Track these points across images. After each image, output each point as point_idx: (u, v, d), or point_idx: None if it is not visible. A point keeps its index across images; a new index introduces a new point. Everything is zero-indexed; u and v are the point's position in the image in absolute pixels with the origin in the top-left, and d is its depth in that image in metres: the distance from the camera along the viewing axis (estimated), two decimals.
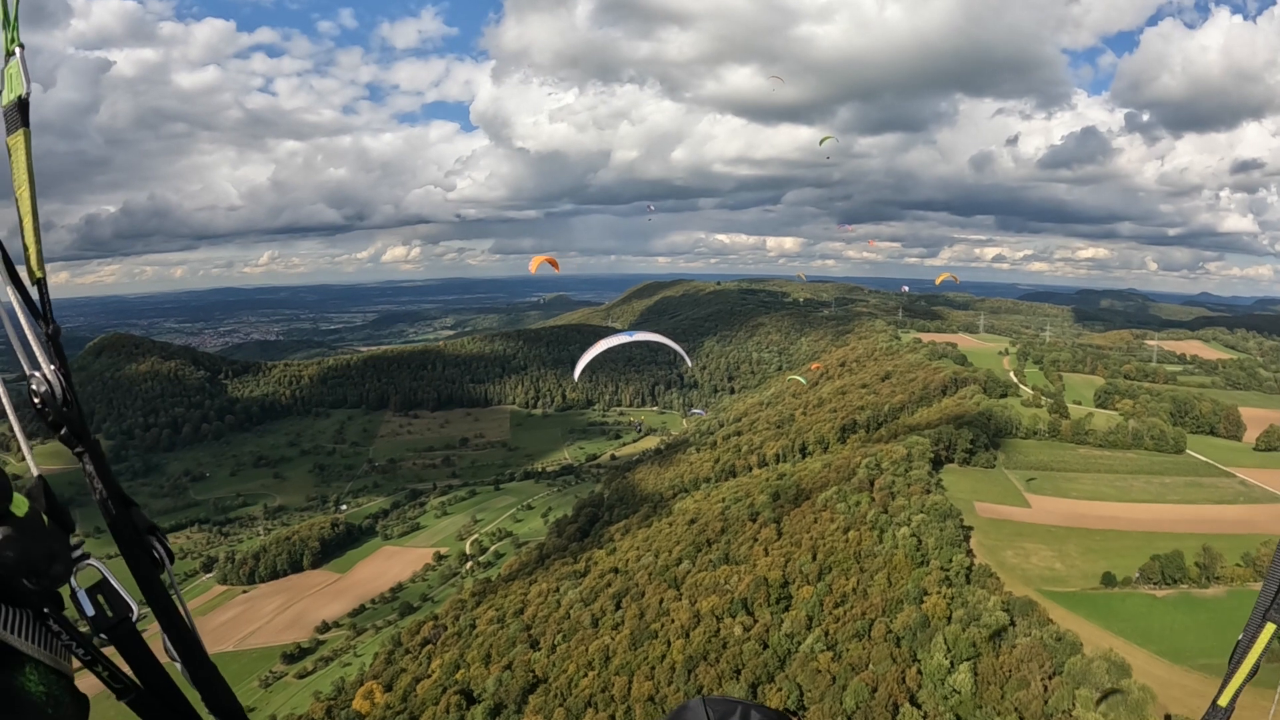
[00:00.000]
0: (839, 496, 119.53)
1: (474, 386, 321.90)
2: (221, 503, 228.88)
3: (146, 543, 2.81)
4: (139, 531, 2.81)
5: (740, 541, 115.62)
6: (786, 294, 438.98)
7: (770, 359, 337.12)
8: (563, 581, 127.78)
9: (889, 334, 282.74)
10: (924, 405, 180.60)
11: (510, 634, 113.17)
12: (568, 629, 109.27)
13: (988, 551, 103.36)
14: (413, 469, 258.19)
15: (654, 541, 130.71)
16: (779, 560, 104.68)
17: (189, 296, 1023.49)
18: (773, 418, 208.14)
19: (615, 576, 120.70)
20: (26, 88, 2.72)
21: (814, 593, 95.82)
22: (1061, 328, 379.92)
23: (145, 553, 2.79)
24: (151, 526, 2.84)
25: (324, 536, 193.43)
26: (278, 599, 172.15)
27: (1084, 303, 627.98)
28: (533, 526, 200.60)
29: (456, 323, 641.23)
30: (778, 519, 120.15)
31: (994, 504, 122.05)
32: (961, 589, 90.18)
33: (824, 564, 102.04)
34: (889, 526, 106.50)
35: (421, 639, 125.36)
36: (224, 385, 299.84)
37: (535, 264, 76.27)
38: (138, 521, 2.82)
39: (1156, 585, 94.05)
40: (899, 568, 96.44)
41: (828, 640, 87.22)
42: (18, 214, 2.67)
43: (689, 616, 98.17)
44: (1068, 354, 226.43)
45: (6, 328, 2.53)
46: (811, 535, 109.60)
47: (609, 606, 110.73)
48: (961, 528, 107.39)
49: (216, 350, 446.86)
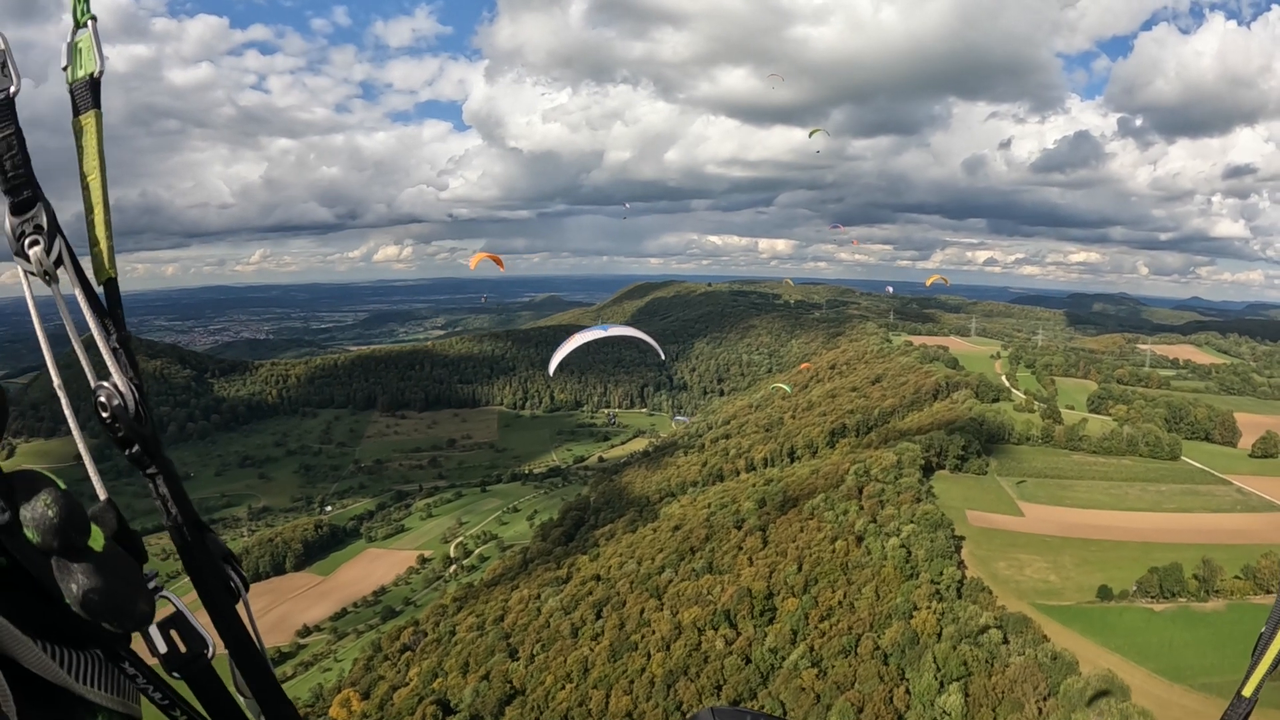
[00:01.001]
0: (826, 504, 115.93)
1: (462, 387, 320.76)
2: (205, 503, 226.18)
3: (222, 571, 2.64)
4: (213, 559, 2.64)
5: (724, 550, 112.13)
6: (778, 295, 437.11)
7: (761, 361, 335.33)
8: (544, 588, 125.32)
9: (880, 337, 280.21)
10: (915, 409, 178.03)
11: (489, 642, 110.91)
12: (547, 638, 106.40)
13: (980, 563, 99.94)
14: (399, 470, 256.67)
15: (637, 548, 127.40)
16: (763, 570, 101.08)
17: (180, 294, 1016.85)
18: (762, 421, 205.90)
19: (597, 584, 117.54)
20: (100, 65, 2.52)
21: (799, 605, 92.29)
22: (1054, 331, 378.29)
23: (220, 581, 2.62)
24: (228, 554, 2.69)
25: (307, 538, 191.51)
26: (260, 601, 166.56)
27: (1076, 306, 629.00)
28: (518, 530, 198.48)
29: (448, 322, 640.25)
30: (763, 527, 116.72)
31: (986, 512, 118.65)
32: (953, 604, 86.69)
33: (810, 575, 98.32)
34: (878, 536, 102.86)
35: (401, 645, 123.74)
36: (210, 384, 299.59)
37: (475, 261, 72.99)
38: (213, 548, 2.65)
39: (1154, 599, 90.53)
40: (888, 580, 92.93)
41: (813, 656, 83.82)
42: (86, 203, 2.40)
43: (670, 628, 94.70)
44: (1060, 358, 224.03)
45: (70, 333, 2.33)
46: (797, 544, 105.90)
47: (589, 615, 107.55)
48: (953, 538, 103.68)
49: (206, 348, 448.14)
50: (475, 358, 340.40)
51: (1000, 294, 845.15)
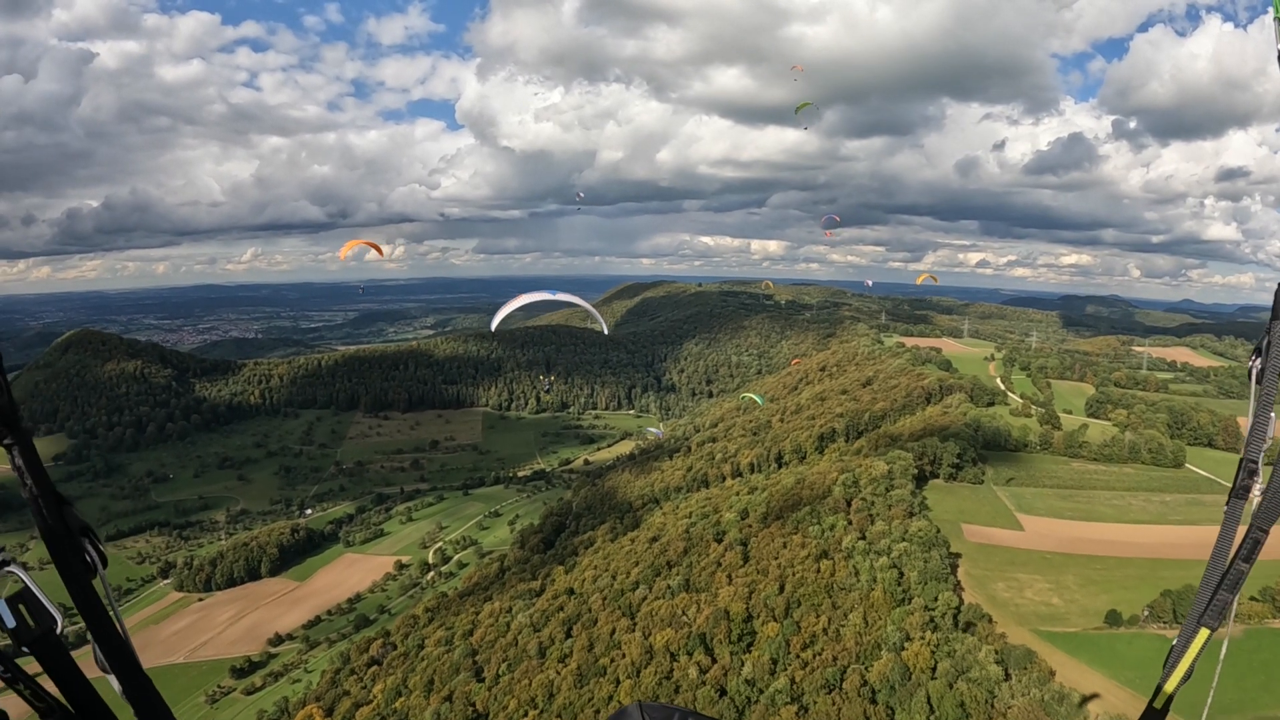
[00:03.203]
0: (812, 518, 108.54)
1: (447, 388, 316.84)
2: (182, 505, 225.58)
3: (79, 545, 2.57)
4: (71, 533, 2.57)
5: (703, 566, 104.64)
6: (769, 296, 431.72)
7: (750, 362, 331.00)
8: (516, 601, 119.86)
9: (871, 338, 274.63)
10: (907, 413, 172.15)
11: (455, 659, 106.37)
12: (513, 657, 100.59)
13: (977, 584, 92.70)
14: (380, 472, 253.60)
15: (613, 560, 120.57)
16: (743, 590, 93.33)
17: (170, 293, 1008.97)
18: (749, 424, 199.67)
19: (569, 599, 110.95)
20: None
21: (780, 631, 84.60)
22: (1047, 333, 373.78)
23: (77, 556, 2.55)
24: (85, 527, 2.61)
25: (283, 543, 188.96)
26: (232, 608, 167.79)
27: (1068, 308, 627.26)
28: (499, 535, 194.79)
29: (437, 322, 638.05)
30: (744, 541, 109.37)
31: (983, 526, 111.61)
32: (948, 635, 78.67)
33: (792, 597, 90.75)
34: (867, 555, 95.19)
35: (369, 658, 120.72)
36: (192, 384, 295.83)
37: (347, 250, 66.30)
38: (70, 522, 2.57)
39: (1167, 624, 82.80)
40: (877, 605, 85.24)
41: (793, 690, 75.87)
42: None
43: (641, 652, 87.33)
44: (1055, 360, 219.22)
45: None
46: (780, 562, 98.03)
47: (559, 634, 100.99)
48: (948, 556, 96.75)
49: (194, 347, 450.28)
50: (461, 358, 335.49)
51: (992, 296, 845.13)
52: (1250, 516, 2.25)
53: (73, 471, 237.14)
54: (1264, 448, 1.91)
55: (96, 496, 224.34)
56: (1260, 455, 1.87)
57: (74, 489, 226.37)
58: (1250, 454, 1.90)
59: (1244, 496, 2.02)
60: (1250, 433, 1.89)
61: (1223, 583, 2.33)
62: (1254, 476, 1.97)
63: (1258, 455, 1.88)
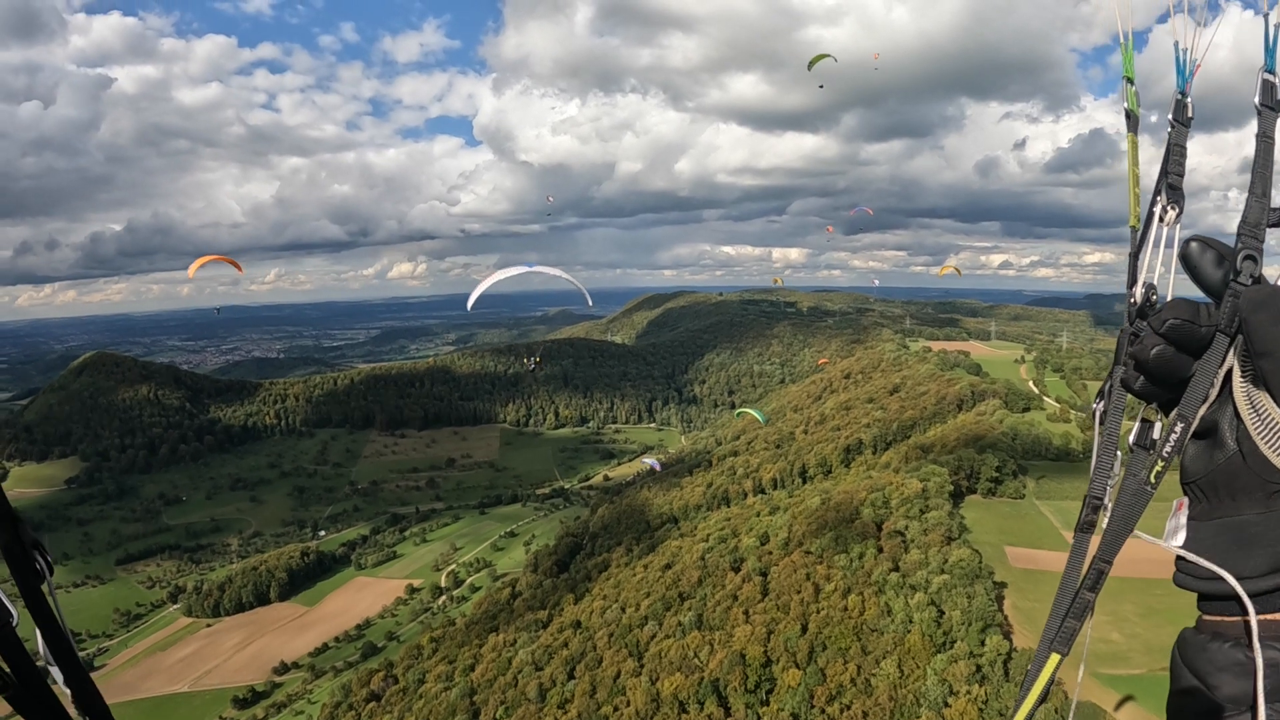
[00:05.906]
0: (838, 545, 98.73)
1: (464, 404, 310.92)
2: (194, 528, 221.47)
3: (31, 556, 2.73)
4: (25, 547, 2.73)
5: (718, 599, 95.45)
6: (791, 304, 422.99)
7: (773, 371, 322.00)
8: (520, 634, 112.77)
9: (896, 343, 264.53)
10: (938, 422, 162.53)
11: (453, 699, 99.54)
12: (511, 700, 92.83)
13: (1026, 619, 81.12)
14: (395, 491, 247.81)
15: (623, 589, 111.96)
16: (761, 631, 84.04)
17: (194, 314, 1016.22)
18: (771, 436, 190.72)
19: (574, 633, 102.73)
20: None
21: (802, 680, 75.14)
22: (1076, 333, 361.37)
23: (30, 566, 2.70)
24: (36, 542, 2.75)
25: (292, 567, 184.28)
26: (239, 634, 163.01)
27: (1094, 307, 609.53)
28: (514, 557, 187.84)
29: (459, 338, 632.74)
30: (764, 571, 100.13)
31: (1028, 549, 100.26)
32: (999, 688, 67.07)
33: (816, 639, 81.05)
34: (900, 590, 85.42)
35: (369, 693, 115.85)
36: (206, 405, 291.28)
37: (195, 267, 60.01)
38: (24, 537, 2.72)
39: None
40: (914, 651, 74.98)
41: None
42: None
43: (646, 700, 78.41)
44: (1089, 360, 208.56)
45: None
46: (802, 597, 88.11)
47: (560, 675, 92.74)
48: (994, 586, 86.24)
49: (216, 367, 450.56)
50: (479, 374, 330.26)
51: (1015, 297, 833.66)
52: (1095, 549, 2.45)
53: (84, 494, 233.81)
54: (1108, 485, 2.01)
55: (108, 519, 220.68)
56: (1105, 492, 1.96)
57: (85, 512, 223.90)
58: (1094, 491, 1.99)
59: (1089, 531, 2.12)
60: (1094, 471, 1.96)
61: (1070, 611, 2.39)
62: (1097, 512, 2.09)
63: (1102, 492, 1.96)
